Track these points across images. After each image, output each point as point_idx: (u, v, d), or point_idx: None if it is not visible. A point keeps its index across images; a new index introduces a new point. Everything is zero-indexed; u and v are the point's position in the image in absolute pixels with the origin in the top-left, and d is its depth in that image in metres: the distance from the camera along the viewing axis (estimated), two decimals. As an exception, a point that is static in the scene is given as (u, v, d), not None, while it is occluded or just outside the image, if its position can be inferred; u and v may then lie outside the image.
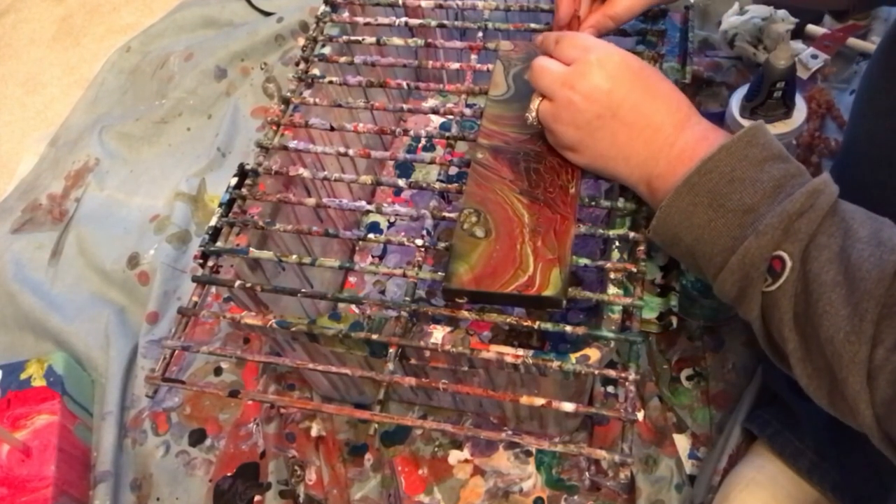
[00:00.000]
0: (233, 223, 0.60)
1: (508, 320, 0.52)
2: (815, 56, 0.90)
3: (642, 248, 0.54)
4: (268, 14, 1.13)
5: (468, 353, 0.52)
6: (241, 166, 0.63)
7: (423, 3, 0.72)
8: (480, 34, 0.70)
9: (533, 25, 0.69)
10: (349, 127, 0.65)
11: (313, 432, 0.73)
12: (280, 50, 1.08)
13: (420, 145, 0.91)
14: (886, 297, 0.37)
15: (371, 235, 0.58)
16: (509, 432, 0.49)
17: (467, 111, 0.64)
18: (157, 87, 1.08)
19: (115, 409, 0.78)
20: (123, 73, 1.13)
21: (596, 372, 0.50)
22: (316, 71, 0.70)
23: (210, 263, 0.58)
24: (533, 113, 0.52)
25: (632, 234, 0.55)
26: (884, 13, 0.93)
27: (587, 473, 0.69)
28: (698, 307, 0.72)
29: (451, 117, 0.65)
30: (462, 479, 0.70)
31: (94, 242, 0.91)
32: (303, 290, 0.56)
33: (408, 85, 0.67)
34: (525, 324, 0.52)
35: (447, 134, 0.63)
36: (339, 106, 0.67)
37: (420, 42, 0.69)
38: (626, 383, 0.50)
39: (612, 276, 0.54)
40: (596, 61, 0.48)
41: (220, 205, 0.61)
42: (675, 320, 0.53)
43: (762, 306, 0.42)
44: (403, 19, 0.71)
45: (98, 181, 0.99)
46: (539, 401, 0.50)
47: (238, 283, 0.56)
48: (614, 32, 0.67)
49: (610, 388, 0.71)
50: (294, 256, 0.58)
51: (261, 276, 0.62)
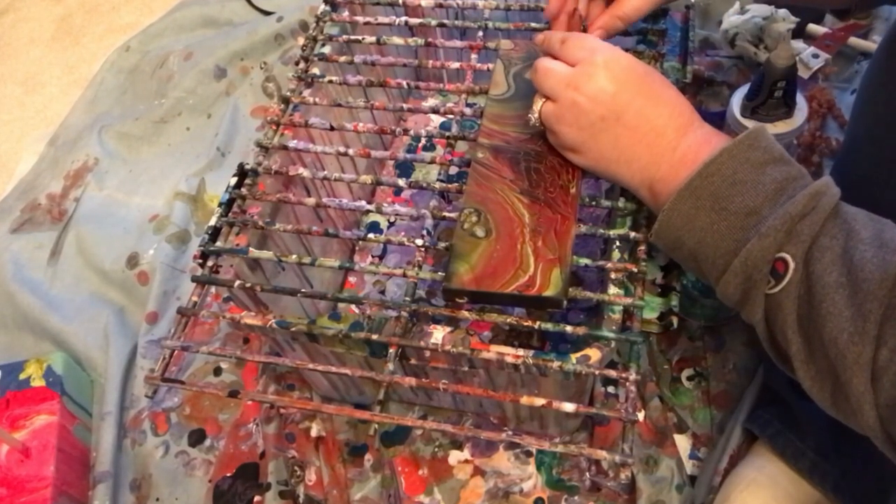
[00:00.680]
0: (232, 223, 0.60)
1: (509, 320, 0.51)
2: (816, 55, 0.90)
3: (643, 247, 0.54)
4: (267, 13, 1.13)
5: (468, 354, 0.52)
6: (241, 166, 0.63)
7: (423, 3, 0.71)
8: (480, 33, 0.69)
9: (533, 25, 0.68)
10: (349, 126, 0.65)
11: (313, 432, 0.73)
12: (280, 49, 1.07)
13: (420, 145, 0.91)
14: (890, 298, 0.37)
15: (371, 235, 0.58)
16: (509, 433, 0.49)
17: (467, 110, 0.64)
18: (157, 86, 1.08)
19: (115, 409, 0.77)
20: (123, 72, 1.12)
21: (596, 372, 0.50)
22: (316, 70, 0.70)
23: (210, 263, 0.58)
24: (536, 114, 0.52)
25: (632, 234, 0.55)
26: (885, 12, 0.93)
27: (588, 474, 0.68)
28: (699, 307, 0.72)
29: (451, 117, 0.65)
30: (462, 479, 0.70)
31: (94, 242, 0.91)
32: (302, 290, 0.56)
33: (408, 84, 0.67)
34: (525, 324, 0.51)
35: (447, 133, 0.63)
36: (339, 105, 0.67)
37: (420, 41, 0.69)
38: (627, 383, 0.49)
39: (613, 276, 0.54)
40: (602, 63, 0.48)
41: (220, 204, 0.61)
42: (675, 320, 0.53)
43: (765, 309, 0.42)
44: (403, 18, 0.71)
45: (97, 181, 0.99)
46: (539, 401, 0.50)
47: (238, 282, 0.56)
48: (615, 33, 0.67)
49: (610, 389, 0.71)
50: (294, 256, 0.58)
51: (260, 276, 0.62)
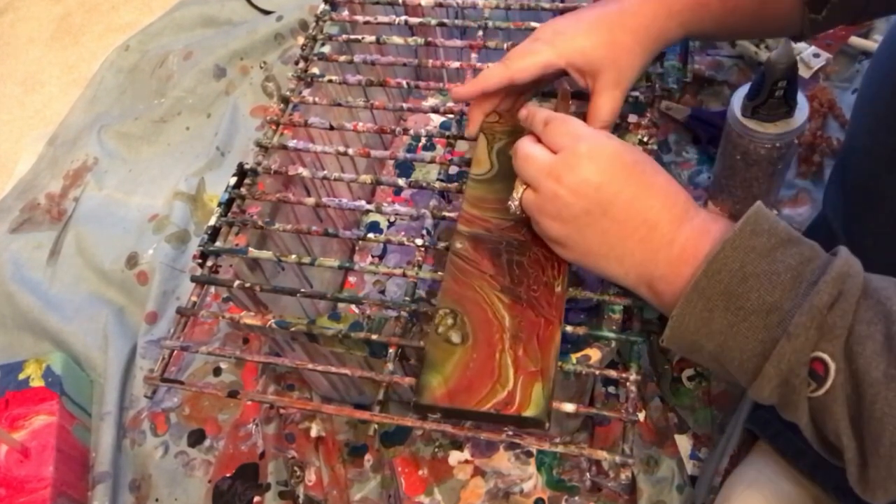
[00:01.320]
0: (232, 223, 0.60)
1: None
2: (816, 55, 0.90)
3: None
4: (267, 12, 1.13)
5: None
6: (241, 166, 0.63)
7: (423, 2, 0.71)
8: (481, 33, 0.69)
9: (533, 24, 0.68)
10: (349, 126, 0.65)
11: (313, 433, 0.73)
12: (279, 49, 1.07)
13: (420, 144, 0.91)
14: None
15: (371, 235, 0.58)
16: (510, 433, 0.48)
17: (467, 110, 0.64)
18: (156, 86, 1.08)
19: (114, 409, 0.77)
20: (122, 72, 1.12)
21: (597, 372, 0.50)
22: (315, 70, 0.70)
23: (209, 263, 0.58)
24: (516, 202, 0.48)
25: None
26: (886, 12, 0.93)
27: (588, 474, 0.68)
28: (700, 307, 0.72)
29: (451, 116, 0.65)
30: (462, 479, 0.70)
31: (93, 242, 0.91)
32: (302, 290, 0.56)
33: (408, 84, 0.67)
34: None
35: (447, 133, 0.63)
36: (339, 105, 0.67)
37: (420, 41, 0.69)
38: (627, 384, 0.49)
39: (614, 276, 0.54)
40: (586, 153, 0.44)
41: (220, 204, 0.61)
42: (676, 320, 0.53)
43: (811, 412, 0.38)
44: (403, 18, 0.71)
45: (97, 180, 0.99)
46: (540, 402, 0.49)
47: (237, 282, 0.56)
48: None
49: (611, 389, 0.71)
50: (293, 256, 0.58)
51: (260, 276, 0.62)
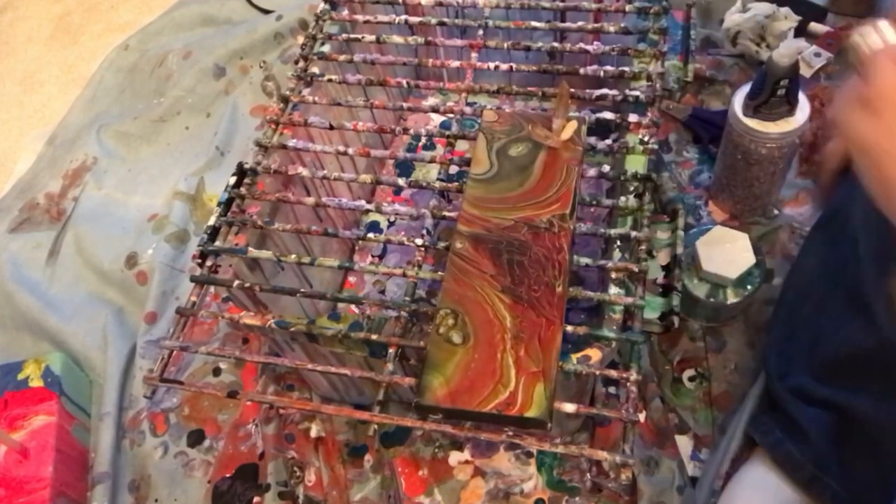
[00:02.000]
0: (231, 222, 0.60)
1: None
2: (817, 54, 0.90)
3: (643, 247, 0.54)
4: (267, 12, 1.13)
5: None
6: (240, 165, 0.63)
7: (423, 1, 0.71)
8: (481, 32, 0.69)
9: (534, 23, 0.68)
10: (349, 125, 0.65)
11: (313, 433, 0.73)
12: (279, 48, 1.07)
13: (420, 144, 0.91)
14: None
15: (371, 235, 0.58)
16: (510, 433, 0.48)
17: (468, 109, 0.64)
18: (156, 85, 1.08)
19: (113, 409, 0.77)
20: (121, 71, 1.12)
21: (597, 372, 0.50)
22: (315, 69, 0.70)
23: (209, 263, 0.58)
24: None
25: (633, 234, 0.55)
26: (887, 11, 0.93)
27: (588, 475, 0.68)
28: (700, 307, 0.72)
29: (451, 116, 0.64)
30: (462, 480, 0.69)
31: (92, 242, 0.91)
32: (302, 289, 0.56)
33: (408, 83, 0.67)
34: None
35: (447, 132, 0.63)
36: (339, 104, 0.67)
37: (420, 40, 0.69)
38: (628, 384, 0.49)
39: (614, 275, 0.54)
40: None
41: (219, 204, 0.60)
42: (676, 320, 0.53)
43: None
44: (403, 17, 0.71)
45: (96, 180, 0.98)
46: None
47: (237, 282, 0.56)
48: (616, 32, 0.67)
49: (611, 389, 0.71)
50: (293, 256, 0.58)
51: (260, 276, 0.62)
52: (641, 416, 0.70)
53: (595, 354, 0.51)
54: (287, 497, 0.70)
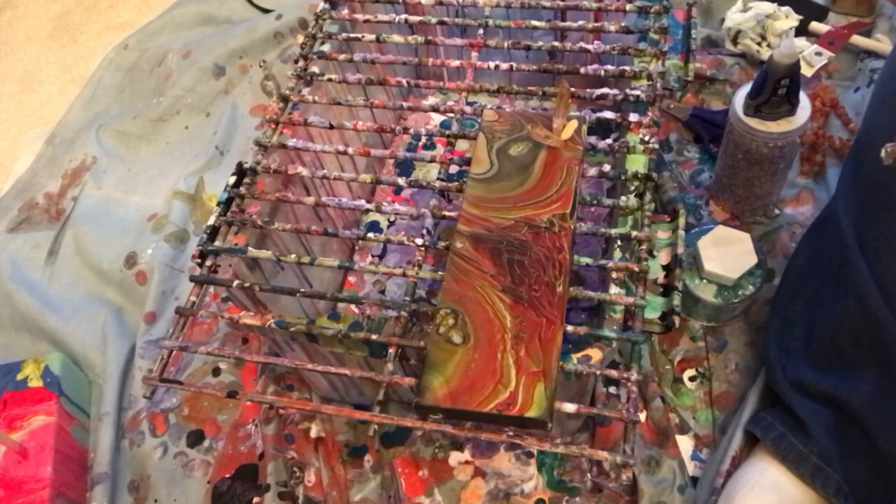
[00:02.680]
0: (231, 222, 0.60)
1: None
2: (819, 53, 0.90)
3: (644, 247, 0.54)
4: (266, 11, 1.13)
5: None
6: (240, 165, 0.62)
7: (423, 0, 0.71)
8: (481, 31, 0.69)
9: (534, 23, 0.68)
10: (349, 125, 0.65)
11: (312, 433, 0.73)
12: (279, 47, 1.07)
13: (420, 143, 0.91)
14: None
15: (371, 234, 0.57)
16: (510, 433, 0.48)
17: (468, 109, 0.64)
18: (155, 84, 1.08)
19: (113, 409, 0.77)
20: (121, 70, 1.12)
21: (598, 372, 0.50)
22: (315, 68, 0.69)
23: (208, 263, 0.58)
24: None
25: (634, 233, 0.55)
26: (888, 10, 0.92)
27: (589, 475, 0.68)
28: (701, 307, 0.71)
29: (451, 115, 0.64)
30: (463, 480, 0.69)
31: (92, 242, 0.91)
32: (302, 289, 0.55)
33: (408, 82, 0.67)
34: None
35: (447, 132, 0.63)
36: (339, 104, 0.67)
37: (420, 39, 0.69)
38: (629, 384, 0.49)
39: (614, 275, 0.54)
40: None
41: (219, 204, 0.60)
42: (677, 320, 0.53)
43: None
44: (403, 16, 0.70)
45: (95, 180, 0.98)
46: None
47: (236, 282, 0.56)
48: (616, 31, 0.66)
49: (612, 389, 0.71)
50: (293, 256, 0.57)
51: (259, 276, 0.62)
52: (642, 416, 0.70)
53: (595, 354, 0.51)
54: (287, 497, 0.70)
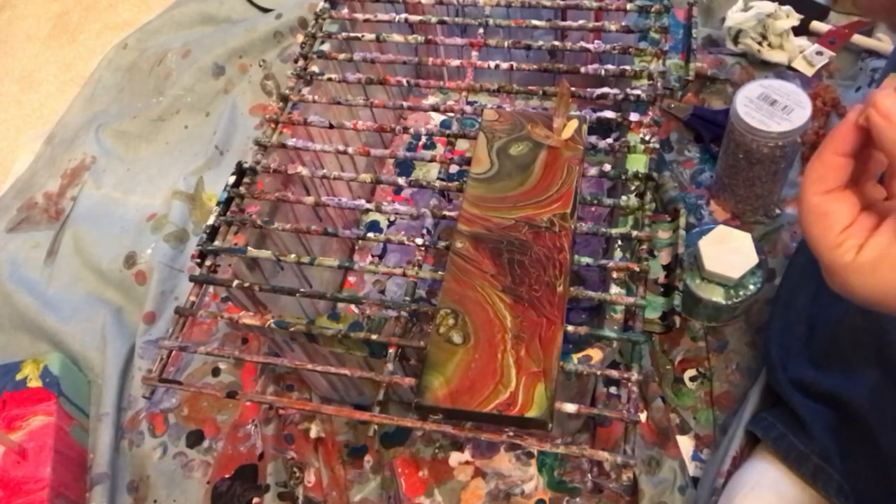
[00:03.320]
0: (231, 222, 0.59)
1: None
2: (819, 52, 0.90)
3: (645, 246, 0.54)
4: (266, 10, 1.13)
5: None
6: (240, 164, 0.62)
7: (423, 0, 0.71)
8: (481, 30, 0.69)
9: (534, 22, 0.68)
10: (348, 124, 0.65)
11: (312, 434, 0.73)
12: (279, 47, 1.07)
13: (420, 143, 0.91)
14: None
15: (370, 234, 0.57)
16: (510, 433, 0.48)
17: (468, 108, 0.63)
18: (155, 84, 1.08)
19: (112, 410, 0.77)
20: (120, 70, 1.12)
21: (598, 373, 0.50)
22: (315, 68, 0.69)
23: (208, 263, 0.58)
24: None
25: (634, 233, 0.54)
26: (888, 9, 0.92)
27: (589, 475, 0.68)
28: (702, 307, 0.71)
29: (451, 115, 0.64)
30: (463, 480, 0.69)
31: (91, 241, 0.90)
32: (301, 289, 0.55)
33: (408, 82, 0.67)
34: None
35: (448, 131, 0.63)
36: (339, 103, 0.67)
37: (420, 39, 0.69)
38: (629, 384, 0.49)
39: (615, 275, 0.53)
40: None
41: (218, 203, 0.60)
42: (678, 320, 0.53)
43: None
44: (403, 16, 0.70)
45: (94, 179, 0.98)
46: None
47: (236, 282, 0.56)
48: (617, 30, 0.66)
49: (612, 389, 0.71)
50: (293, 256, 0.57)
51: (259, 276, 0.62)
52: (643, 417, 0.70)
53: (596, 354, 0.51)
54: (287, 498, 0.70)
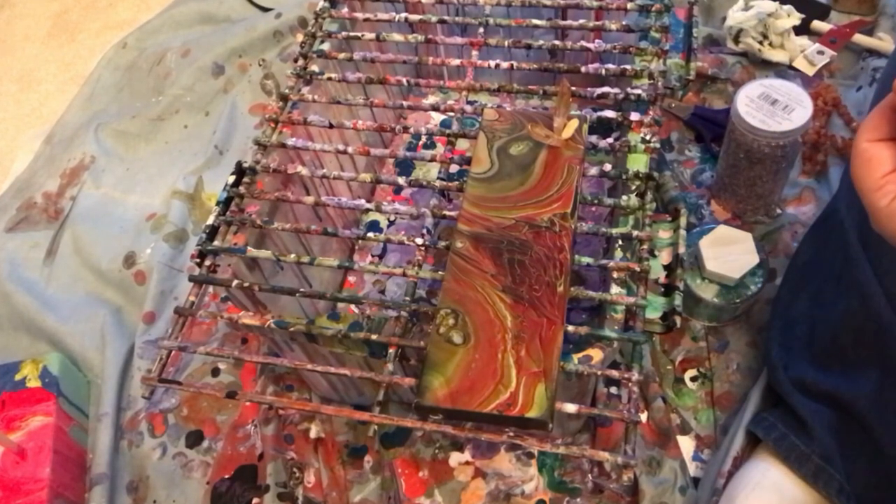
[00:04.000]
0: (230, 222, 0.59)
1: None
2: (820, 52, 0.89)
3: (645, 246, 0.53)
4: (266, 10, 1.12)
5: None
6: (239, 164, 0.62)
7: (424, -1, 0.71)
8: (481, 30, 0.69)
9: (535, 21, 0.68)
10: (348, 124, 0.64)
11: (312, 434, 0.73)
12: (278, 46, 1.07)
13: (420, 143, 0.91)
14: None
15: (370, 234, 0.57)
16: (511, 434, 0.48)
17: (468, 108, 0.63)
18: (154, 83, 1.07)
19: (111, 410, 0.77)
20: (119, 69, 1.12)
21: (599, 373, 0.50)
22: (315, 67, 0.69)
23: (207, 263, 0.58)
24: None
25: (635, 233, 0.54)
26: (891, 9, 0.92)
27: (590, 475, 0.68)
28: (702, 307, 0.71)
29: (451, 114, 0.64)
30: (463, 481, 0.69)
31: (90, 241, 0.90)
32: (301, 289, 0.55)
33: (408, 81, 0.66)
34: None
35: (448, 131, 0.62)
36: (339, 103, 0.67)
37: (420, 38, 0.68)
38: (630, 384, 0.49)
39: (615, 275, 0.53)
40: None
41: (218, 203, 0.60)
42: (678, 320, 0.52)
43: None
44: (403, 15, 0.70)
45: (94, 179, 0.98)
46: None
47: (235, 282, 0.56)
48: (617, 29, 0.66)
49: (613, 389, 0.71)
50: (292, 255, 0.57)
51: (259, 276, 0.61)
52: (643, 417, 0.70)
53: (596, 354, 0.51)
54: (286, 498, 0.70)
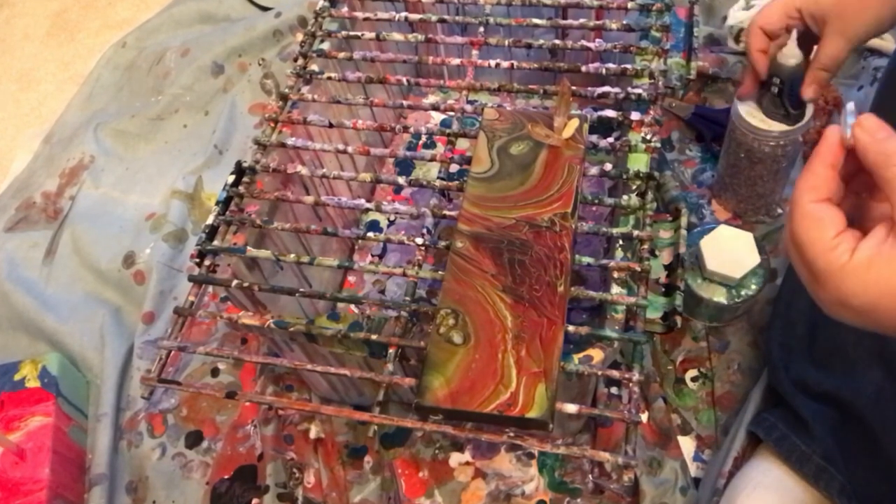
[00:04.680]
0: (230, 221, 0.59)
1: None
2: (820, 52, 0.89)
3: (646, 246, 0.53)
4: (265, 9, 1.12)
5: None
6: (239, 164, 0.62)
7: (424, -2, 0.71)
8: (482, 29, 0.68)
9: (535, 21, 0.68)
10: (348, 124, 0.64)
11: (312, 434, 0.72)
12: (278, 45, 1.06)
13: (420, 142, 0.90)
14: None
15: (370, 234, 0.57)
16: (511, 434, 0.48)
17: (468, 107, 0.63)
18: (153, 83, 1.07)
19: (111, 410, 0.76)
20: (119, 69, 1.12)
21: (599, 373, 0.50)
22: (314, 67, 0.69)
23: (207, 262, 0.57)
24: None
25: (635, 233, 0.54)
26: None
27: (590, 476, 0.68)
28: (703, 307, 0.71)
29: (451, 114, 0.64)
30: (463, 481, 0.69)
31: (89, 241, 0.90)
32: (301, 289, 0.55)
33: (408, 81, 0.66)
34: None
35: (448, 131, 0.62)
36: (338, 102, 0.66)
37: (420, 37, 0.68)
38: (630, 384, 0.49)
39: (616, 275, 0.53)
40: None
41: (217, 203, 0.60)
42: (679, 320, 0.52)
43: None
44: (403, 14, 0.70)
45: (93, 179, 0.98)
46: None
47: (235, 282, 0.55)
48: (618, 29, 0.66)
49: (613, 390, 0.71)
50: (292, 255, 0.57)
51: (258, 276, 0.61)
52: (644, 417, 0.70)
53: (597, 354, 0.50)
54: (286, 499, 0.70)
